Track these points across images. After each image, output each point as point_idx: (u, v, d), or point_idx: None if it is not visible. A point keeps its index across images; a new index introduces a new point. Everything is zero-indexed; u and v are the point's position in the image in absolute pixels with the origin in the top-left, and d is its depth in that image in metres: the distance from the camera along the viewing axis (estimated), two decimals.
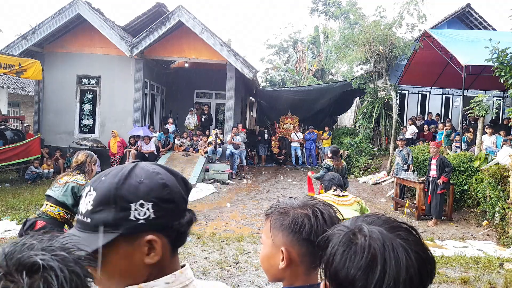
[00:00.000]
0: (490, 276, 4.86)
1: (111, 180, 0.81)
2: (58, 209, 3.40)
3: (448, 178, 7.71)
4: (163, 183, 0.83)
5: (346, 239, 0.75)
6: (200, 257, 5.28)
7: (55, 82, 12.80)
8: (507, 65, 7.37)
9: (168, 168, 0.88)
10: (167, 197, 0.82)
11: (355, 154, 13.66)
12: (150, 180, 0.82)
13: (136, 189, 0.80)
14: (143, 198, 0.80)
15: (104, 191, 0.80)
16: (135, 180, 0.81)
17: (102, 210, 0.79)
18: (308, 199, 1.17)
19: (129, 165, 0.86)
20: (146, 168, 0.85)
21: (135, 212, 0.79)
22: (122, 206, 0.79)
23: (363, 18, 14.20)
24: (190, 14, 12.23)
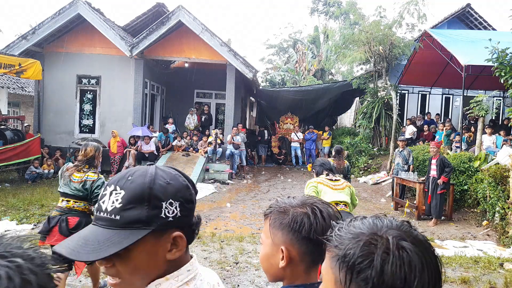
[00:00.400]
0: (490, 276, 4.86)
1: (142, 180, 0.86)
2: (84, 204, 3.64)
3: (448, 178, 7.72)
4: (186, 184, 0.90)
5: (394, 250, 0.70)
6: (200, 257, 5.28)
7: (55, 82, 12.80)
8: (507, 65, 7.37)
9: (182, 172, 0.94)
10: (190, 198, 0.90)
11: (355, 154, 13.67)
12: (175, 181, 0.89)
13: (165, 189, 0.86)
14: (172, 197, 0.86)
15: (136, 190, 0.84)
16: (163, 181, 0.87)
17: (133, 208, 0.83)
18: (307, 198, 1.17)
19: (151, 167, 0.91)
20: (167, 170, 0.91)
21: (165, 210, 0.85)
22: (155, 204, 0.84)
23: (363, 18, 14.20)
24: (190, 14, 12.23)
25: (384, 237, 0.72)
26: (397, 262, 0.68)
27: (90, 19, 12.19)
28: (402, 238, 0.72)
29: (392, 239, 0.71)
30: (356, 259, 0.71)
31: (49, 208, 7.75)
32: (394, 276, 0.68)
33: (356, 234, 0.75)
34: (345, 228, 0.78)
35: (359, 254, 0.71)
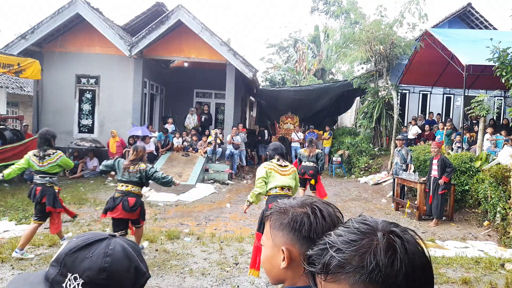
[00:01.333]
0: (491, 277, 4.82)
1: (70, 245, 0.86)
2: (138, 188, 4.96)
3: (449, 179, 7.67)
4: (103, 267, 0.83)
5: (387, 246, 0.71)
6: (200, 258, 5.25)
7: (54, 82, 12.77)
8: (508, 65, 7.34)
9: (129, 253, 0.88)
10: (100, 282, 0.83)
11: (356, 154, 13.62)
12: (96, 258, 0.84)
13: (80, 262, 0.83)
14: (78, 273, 0.83)
15: (62, 251, 0.86)
16: (85, 255, 0.84)
17: (53, 266, 0.85)
18: (306, 198, 1.16)
19: (101, 236, 0.88)
20: (105, 246, 0.86)
21: (68, 282, 0.82)
22: (62, 272, 0.84)
23: (364, 17, 14.16)
24: (190, 14, 12.20)
25: (388, 230, 0.74)
26: (412, 242, 0.73)
27: (89, 18, 12.15)
28: (395, 224, 0.76)
29: (397, 229, 0.74)
30: (386, 270, 0.68)
31: None
32: (420, 275, 0.71)
33: (364, 245, 0.71)
34: (344, 245, 0.73)
35: (386, 264, 0.69)
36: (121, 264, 0.85)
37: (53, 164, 5.23)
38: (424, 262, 0.73)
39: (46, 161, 5.19)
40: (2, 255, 5.03)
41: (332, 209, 1.12)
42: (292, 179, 4.46)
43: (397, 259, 0.69)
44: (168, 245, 5.75)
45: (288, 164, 4.60)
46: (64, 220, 7.02)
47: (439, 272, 4.97)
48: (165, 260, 5.09)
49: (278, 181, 4.39)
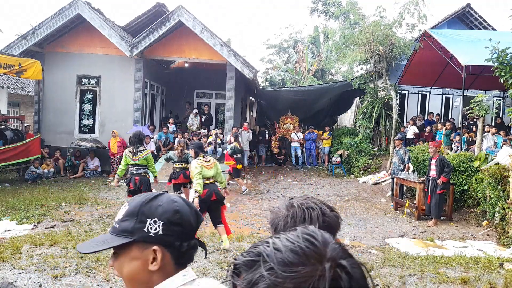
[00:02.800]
0: (490, 276, 4.86)
1: (140, 199, 1.05)
2: (187, 165, 7.63)
3: (447, 178, 7.70)
4: (176, 209, 1.04)
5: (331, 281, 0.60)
6: (200, 257, 5.28)
7: (55, 82, 12.80)
8: (507, 65, 7.37)
9: (187, 201, 1.10)
10: (177, 221, 1.03)
11: (355, 154, 13.65)
12: (167, 205, 1.04)
13: (155, 209, 1.03)
14: (157, 217, 1.02)
15: (133, 206, 1.04)
16: (157, 203, 1.04)
17: (127, 220, 1.03)
18: (294, 197, 1.20)
19: (158, 192, 1.09)
20: (168, 196, 1.08)
21: (148, 226, 1.01)
22: (141, 219, 1.01)
23: (363, 18, 14.18)
24: (190, 14, 12.23)
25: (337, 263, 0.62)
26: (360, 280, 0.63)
27: (90, 19, 12.19)
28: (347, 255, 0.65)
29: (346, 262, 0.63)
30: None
31: (49, 208, 7.76)
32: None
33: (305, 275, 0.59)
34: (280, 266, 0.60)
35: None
36: (185, 208, 1.06)
37: (142, 158, 6.49)
38: None
39: (137, 156, 6.45)
40: (3, 254, 5.06)
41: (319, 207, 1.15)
42: (214, 171, 5.78)
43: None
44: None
45: (210, 159, 5.89)
46: (65, 219, 7.06)
47: (438, 271, 5.01)
48: None
49: (207, 173, 5.70)
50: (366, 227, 7.43)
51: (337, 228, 1.14)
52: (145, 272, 1.01)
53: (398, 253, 5.77)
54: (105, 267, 4.70)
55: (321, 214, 1.11)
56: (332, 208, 1.16)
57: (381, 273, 4.91)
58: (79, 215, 7.44)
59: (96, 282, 4.37)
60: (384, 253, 5.80)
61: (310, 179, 12.91)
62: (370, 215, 8.36)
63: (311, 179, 12.92)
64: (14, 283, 4.29)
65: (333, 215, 1.14)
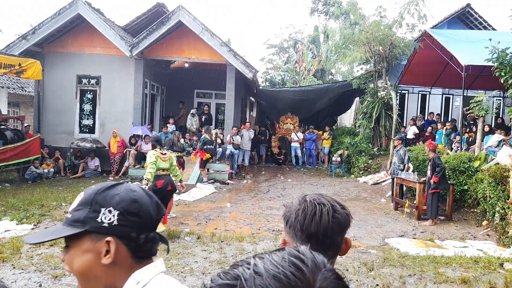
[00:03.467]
0: (490, 276, 4.86)
1: (96, 187, 0.99)
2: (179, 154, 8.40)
3: (438, 178, 7.63)
4: (134, 198, 0.97)
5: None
6: (200, 257, 5.28)
7: (55, 82, 12.80)
8: (507, 65, 7.37)
9: (148, 192, 1.03)
10: (134, 211, 0.96)
11: (355, 154, 13.65)
12: (125, 193, 0.97)
13: (111, 198, 0.96)
14: (113, 206, 0.95)
15: (88, 194, 0.98)
16: (114, 192, 0.97)
17: (80, 209, 0.96)
18: (308, 194, 1.21)
19: (118, 182, 1.03)
20: (127, 185, 1.01)
21: (102, 216, 0.94)
22: (95, 208, 0.95)
23: (363, 18, 14.19)
24: (190, 14, 12.23)
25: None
26: None
27: (90, 19, 12.19)
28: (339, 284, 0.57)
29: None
30: None
31: (49, 208, 7.76)
32: None
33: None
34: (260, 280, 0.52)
35: None
36: (145, 198, 1.00)
37: (169, 162, 6.87)
38: None
39: (166, 156, 6.66)
40: (3, 254, 5.06)
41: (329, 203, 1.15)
42: (169, 164, 6.19)
43: None
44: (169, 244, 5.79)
45: (166, 152, 6.30)
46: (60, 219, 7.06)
47: (438, 271, 5.01)
48: (165, 259, 5.12)
49: (161, 165, 6.09)
50: (366, 227, 7.43)
51: (347, 225, 1.16)
52: (98, 266, 0.93)
53: (398, 253, 5.77)
54: None
55: (332, 211, 1.13)
56: (343, 206, 1.17)
57: (381, 273, 4.91)
58: None
59: None
60: (384, 253, 5.80)
61: (310, 179, 12.92)
62: (370, 215, 8.36)
63: (311, 179, 12.92)
64: (14, 283, 4.29)
65: (344, 213, 1.15)
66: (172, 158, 6.23)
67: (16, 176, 11.52)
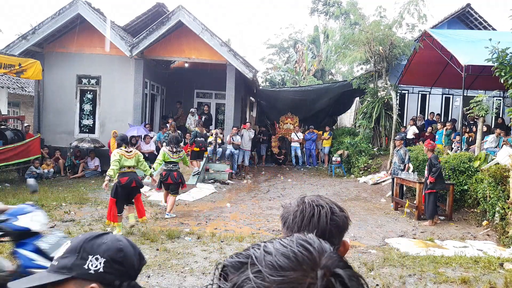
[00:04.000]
0: (490, 276, 4.86)
1: (84, 236, 1.03)
2: None
3: (434, 178, 7.61)
4: (120, 248, 1.02)
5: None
6: (200, 257, 5.28)
7: (55, 82, 12.80)
8: (507, 65, 7.37)
9: (132, 242, 1.09)
10: (119, 260, 1.01)
11: (355, 154, 13.65)
12: (111, 243, 1.03)
13: (98, 246, 1.01)
14: (99, 254, 0.99)
15: (76, 242, 1.02)
16: (101, 241, 1.02)
17: (67, 256, 1.00)
18: (306, 195, 1.21)
19: (103, 232, 1.08)
20: (113, 235, 1.07)
21: (89, 263, 0.98)
22: (83, 256, 0.99)
23: (363, 18, 14.19)
24: (190, 14, 12.24)
25: (332, 272, 0.56)
26: None
27: (90, 19, 12.19)
28: (344, 265, 0.59)
29: (343, 272, 0.57)
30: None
31: (49, 208, 7.76)
32: None
33: (294, 280, 0.54)
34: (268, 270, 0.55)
35: None
36: (129, 248, 1.05)
37: (181, 157, 7.59)
38: None
39: (177, 154, 7.51)
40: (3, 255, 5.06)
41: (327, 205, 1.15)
42: (134, 161, 6.40)
43: None
44: (169, 244, 5.79)
45: (132, 149, 6.58)
46: (65, 219, 7.07)
47: (438, 271, 5.01)
48: (165, 259, 5.12)
49: (125, 163, 6.32)
50: (366, 227, 7.43)
51: (345, 228, 1.16)
52: None
53: (398, 253, 5.77)
54: None
55: (330, 213, 1.13)
56: (342, 209, 1.17)
57: (381, 273, 4.91)
58: (79, 215, 7.44)
59: None
60: (384, 253, 5.80)
61: (310, 179, 12.92)
62: (370, 215, 8.36)
63: (311, 179, 12.92)
64: None
65: (342, 215, 1.15)
66: (139, 155, 6.47)
67: (16, 176, 11.52)
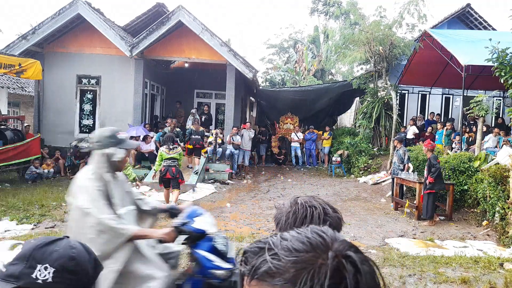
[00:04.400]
0: (490, 276, 4.86)
1: (35, 242, 0.98)
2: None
3: (434, 179, 7.60)
4: (72, 256, 0.97)
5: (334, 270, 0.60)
6: None
7: (55, 82, 12.80)
8: (507, 65, 7.37)
9: (88, 248, 1.03)
10: (71, 269, 0.95)
11: (355, 154, 13.65)
12: (64, 250, 0.97)
13: (49, 254, 0.95)
14: (49, 262, 0.94)
15: (26, 249, 0.96)
16: (53, 248, 0.96)
17: (16, 263, 0.95)
18: (300, 196, 1.20)
19: (59, 237, 1.02)
20: (68, 241, 1.01)
21: (38, 272, 0.92)
22: (31, 264, 0.93)
23: (363, 18, 14.19)
24: (190, 14, 12.24)
25: (343, 254, 0.60)
26: (368, 277, 0.60)
27: (90, 19, 12.19)
28: (356, 250, 0.62)
29: (355, 255, 0.61)
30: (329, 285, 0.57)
31: (49, 208, 7.76)
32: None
33: (307, 260, 0.59)
34: (284, 252, 0.60)
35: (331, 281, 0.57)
36: (84, 255, 1.00)
37: (178, 153, 8.01)
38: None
39: (173, 151, 7.95)
40: None
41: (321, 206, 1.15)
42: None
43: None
44: None
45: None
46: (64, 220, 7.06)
47: (438, 271, 5.01)
48: None
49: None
50: (366, 227, 7.43)
51: (338, 229, 1.15)
52: None
53: (398, 253, 5.77)
54: None
55: (323, 214, 1.12)
56: (335, 209, 1.17)
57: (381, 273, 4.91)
58: None
59: None
60: (384, 253, 5.80)
61: (310, 179, 12.91)
62: (370, 215, 8.36)
63: (311, 179, 12.92)
64: None
65: (336, 216, 1.15)
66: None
67: (16, 176, 11.51)
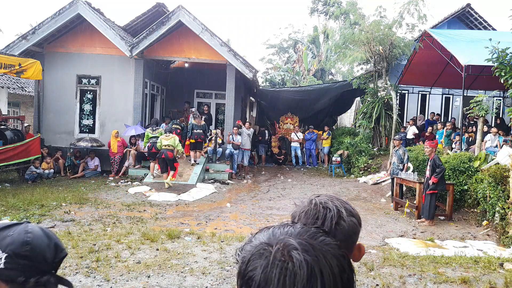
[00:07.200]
0: (490, 276, 4.86)
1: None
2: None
3: (438, 179, 7.60)
4: (26, 241, 0.92)
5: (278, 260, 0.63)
6: (200, 257, 5.28)
7: (55, 82, 12.80)
8: (507, 65, 7.37)
9: (48, 232, 0.98)
10: (24, 254, 0.91)
11: (355, 154, 13.66)
12: (18, 235, 0.93)
13: (2, 239, 0.91)
14: (1, 248, 0.90)
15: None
16: (7, 233, 0.93)
17: None
18: (321, 195, 1.17)
19: (17, 221, 0.98)
20: (25, 226, 0.96)
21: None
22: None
23: (363, 18, 14.19)
24: (190, 14, 12.24)
25: (274, 247, 0.65)
26: (277, 272, 0.62)
27: (90, 19, 12.19)
28: (294, 247, 0.64)
29: (280, 248, 0.64)
30: (245, 270, 0.65)
31: (49, 208, 7.76)
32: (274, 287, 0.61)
33: (254, 245, 0.68)
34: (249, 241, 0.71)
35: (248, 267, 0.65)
36: (41, 239, 0.95)
37: (171, 139, 9.71)
38: None
39: (156, 132, 9.53)
40: None
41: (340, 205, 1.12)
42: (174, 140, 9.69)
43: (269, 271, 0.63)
44: (169, 244, 5.79)
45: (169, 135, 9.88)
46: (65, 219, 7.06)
47: (438, 271, 5.01)
48: (165, 259, 5.12)
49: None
50: (366, 227, 7.42)
51: (351, 234, 1.09)
52: None
53: (398, 253, 5.77)
54: (105, 267, 4.70)
55: (337, 217, 1.07)
56: (352, 213, 1.11)
57: (381, 273, 4.91)
58: (79, 215, 7.44)
59: (96, 282, 4.37)
60: (384, 253, 5.80)
61: (310, 179, 12.92)
62: (370, 215, 8.36)
63: (311, 179, 12.93)
64: None
65: (350, 221, 1.09)
66: (175, 138, 8.61)
67: (16, 176, 11.51)
